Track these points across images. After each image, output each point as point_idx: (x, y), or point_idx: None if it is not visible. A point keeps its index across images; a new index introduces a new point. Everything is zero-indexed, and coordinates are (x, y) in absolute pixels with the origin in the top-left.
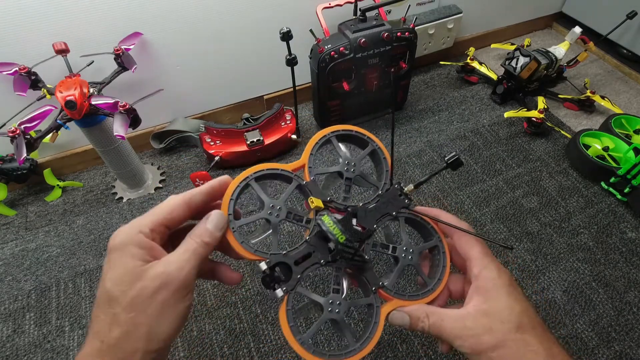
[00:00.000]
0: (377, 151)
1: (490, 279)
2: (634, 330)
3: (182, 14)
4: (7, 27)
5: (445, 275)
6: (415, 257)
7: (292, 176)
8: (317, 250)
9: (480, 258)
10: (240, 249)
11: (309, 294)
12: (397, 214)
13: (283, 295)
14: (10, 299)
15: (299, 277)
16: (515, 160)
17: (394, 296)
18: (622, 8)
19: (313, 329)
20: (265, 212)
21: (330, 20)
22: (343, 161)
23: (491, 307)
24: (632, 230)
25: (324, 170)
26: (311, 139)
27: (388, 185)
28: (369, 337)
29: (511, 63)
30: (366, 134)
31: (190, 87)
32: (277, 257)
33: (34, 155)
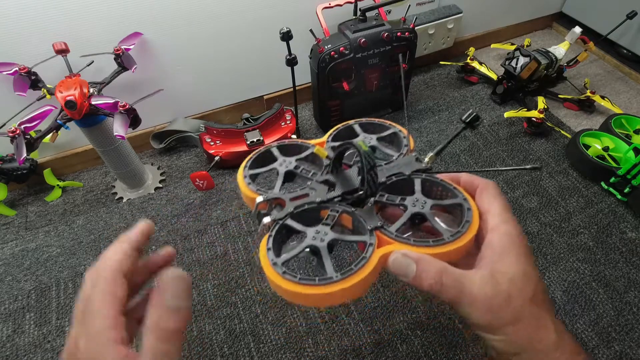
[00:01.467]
0: (398, 134)
1: (509, 234)
2: (634, 330)
3: (182, 14)
4: (7, 27)
5: (469, 231)
6: (428, 207)
7: (310, 146)
8: (315, 193)
9: (500, 212)
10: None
11: (296, 225)
12: (411, 174)
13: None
14: (10, 299)
15: (290, 210)
16: (515, 160)
17: (396, 239)
18: (622, 8)
19: (290, 253)
20: (276, 164)
21: (330, 20)
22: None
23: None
24: (632, 230)
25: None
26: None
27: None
28: (352, 270)
29: (511, 63)
30: (388, 122)
31: (190, 87)
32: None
33: (34, 155)
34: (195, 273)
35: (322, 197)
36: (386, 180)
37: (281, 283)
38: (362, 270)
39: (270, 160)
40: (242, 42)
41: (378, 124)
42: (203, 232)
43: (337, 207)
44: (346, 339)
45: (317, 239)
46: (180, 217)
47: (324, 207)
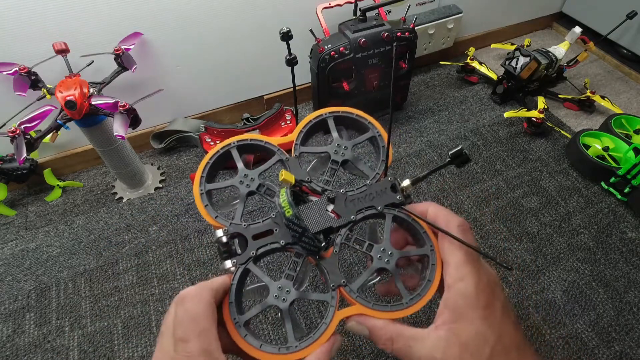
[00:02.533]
0: (377, 138)
1: (463, 295)
2: (634, 330)
3: (182, 14)
4: (7, 27)
5: (428, 293)
6: (393, 261)
7: (275, 150)
8: (280, 229)
9: (457, 266)
10: (203, 211)
11: (260, 273)
12: (382, 209)
13: (231, 267)
14: (10, 299)
15: (253, 253)
16: (515, 160)
17: (357, 300)
18: (622, 8)
19: (252, 312)
20: (236, 179)
21: (330, 20)
22: (334, 143)
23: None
24: (632, 230)
25: (311, 150)
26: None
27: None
28: (312, 338)
29: (511, 63)
30: (368, 118)
31: (190, 87)
32: (237, 228)
33: (34, 155)
34: (196, 273)
35: (287, 239)
36: (355, 217)
37: (243, 346)
38: (321, 337)
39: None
40: (242, 42)
41: (356, 120)
42: (203, 232)
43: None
44: (346, 339)
45: (279, 297)
46: (180, 217)
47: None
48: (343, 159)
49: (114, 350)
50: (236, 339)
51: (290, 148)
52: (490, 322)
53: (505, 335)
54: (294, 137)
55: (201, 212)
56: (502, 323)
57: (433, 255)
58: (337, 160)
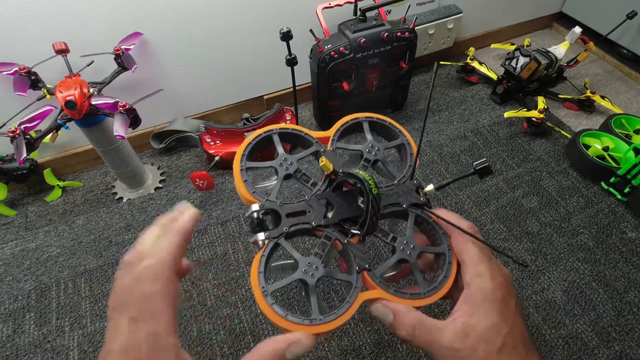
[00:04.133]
0: (406, 146)
1: (481, 290)
2: (634, 330)
3: (182, 14)
4: (7, 27)
5: (444, 287)
6: (415, 254)
7: (314, 141)
8: (313, 211)
9: (474, 264)
10: (242, 186)
11: (289, 248)
12: (407, 207)
13: (264, 240)
14: (10, 299)
15: (285, 229)
16: (515, 160)
17: (378, 285)
18: (622, 8)
19: (281, 282)
20: (276, 161)
21: (330, 20)
22: (367, 143)
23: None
24: (632, 230)
25: (346, 146)
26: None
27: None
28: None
29: (511, 63)
30: (399, 127)
31: (190, 87)
32: (272, 205)
33: (34, 155)
34: (196, 273)
35: (318, 221)
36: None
37: (269, 314)
38: (344, 314)
39: (269, 147)
40: (242, 42)
41: (388, 126)
42: (203, 232)
43: (331, 233)
44: (346, 338)
45: (308, 272)
46: None
47: (318, 230)
48: (375, 159)
49: None
50: (263, 307)
51: (326, 142)
52: (504, 316)
53: (516, 329)
54: (331, 133)
55: (239, 186)
56: (515, 318)
57: (450, 254)
58: (369, 158)
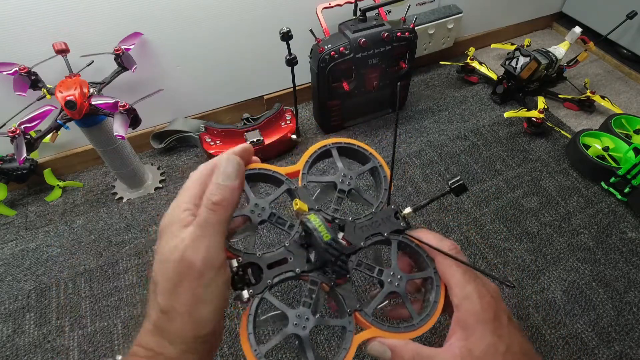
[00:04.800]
0: (379, 169)
1: (471, 312)
2: (634, 330)
3: (182, 14)
4: (7, 27)
5: (435, 313)
6: (403, 284)
7: (284, 179)
8: (294, 257)
9: (460, 286)
10: None
11: (276, 302)
12: (389, 235)
13: (248, 298)
14: (10, 299)
15: (269, 282)
16: (515, 160)
17: (372, 323)
18: (622, 8)
19: (272, 342)
20: (248, 209)
21: (330, 20)
22: (339, 172)
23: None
24: (632, 230)
25: (318, 179)
26: (311, 147)
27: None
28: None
29: (511, 63)
30: (369, 150)
31: (190, 87)
32: (251, 257)
33: (34, 155)
34: None
35: (301, 267)
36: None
37: None
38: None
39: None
40: (242, 42)
41: (357, 150)
42: None
43: (316, 277)
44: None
45: (299, 325)
46: None
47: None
48: (349, 188)
49: (114, 350)
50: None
51: (297, 176)
52: (499, 333)
53: (514, 343)
54: (300, 167)
55: None
56: (510, 333)
57: (437, 277)
58: (343, 189)
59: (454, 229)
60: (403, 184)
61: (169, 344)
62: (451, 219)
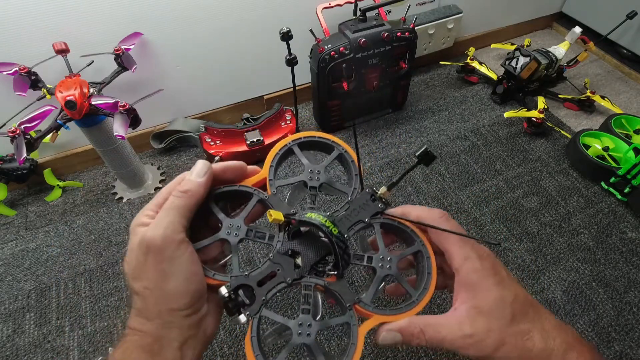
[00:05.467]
0: (345, 155)
1: (474, 270)
2: (634, 330)
3: (182, 14)
4: (7, 27)
5: (431, 284)
6: (394, 265)
7: (252, 191)
8: (282, 268)
9: (458, 249)
10: None
11: (275, 317)
12: (370, 220)
13: (247, 320)
14: (10, 299)
15: (263, 299)
16: (515, 160)
17: (374, 311)
18: (622, 8)
19: (281, 357)
20: (223, 231)
21: (330, 20)
22: (306, 169)
23: (483, 302)
24: (632, 230)
25: (287, 182)
26: (271, 150)
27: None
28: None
29: (511, 63)
30: (331, 138)
31: (190, 87)
32: (239, 280)
33: (34, 155)
34: None
35: (291, 276)
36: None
37: None
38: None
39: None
40: (242, 42)
41: (319, 142)
42: None
43: (309, 281)
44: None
45: (303, 334)
46: None
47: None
48: (320, 183)
49: None
50: None
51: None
52: (503, 285)
53: (519, 295)
54: (265, 174)
55: None
56: (513, 285)
57: (425, 249)
58: (314, 185)
59: None
60: (403, 184)
61: (147, 321)
62: None
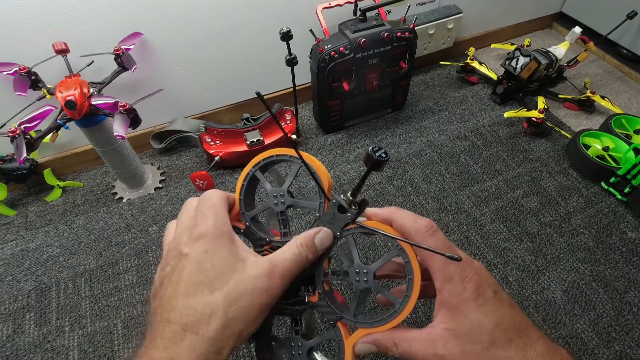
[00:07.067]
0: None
1: (454, 293)
2: (634, 330)
3: (182, 14)
4: (7, 27)
5: (414, 291)
6: (370, 277)
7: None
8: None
9: (441, 269)
10: None
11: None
12: (341, 233)
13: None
14: (10, 299)
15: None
16: (515, 160)
17: (357, 325)
18: (622, 8)
19: None
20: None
21: (330, 20)
22: (270, 194)
23: (459, 326)
24: (632, 230)
25: (256, 212)
26: (237, 181)
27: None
28: None
29: (511, 63)
30: (288, 153)
31: (190, 87)
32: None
33: (34, 155)
34: None
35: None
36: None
37: None
38: None
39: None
40: (242, 42)
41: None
42: None
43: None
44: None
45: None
46: None
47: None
48: (287, 205)
49: (114, 350)
50: None
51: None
52: (484, 310)
53: (503, 319)
54: (237, 208)
55: None
56: (498, 310)
57: (404, 254)
58: (281, 210)
59: (454, 229)
60: (403, 184)
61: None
62: (451, 219)
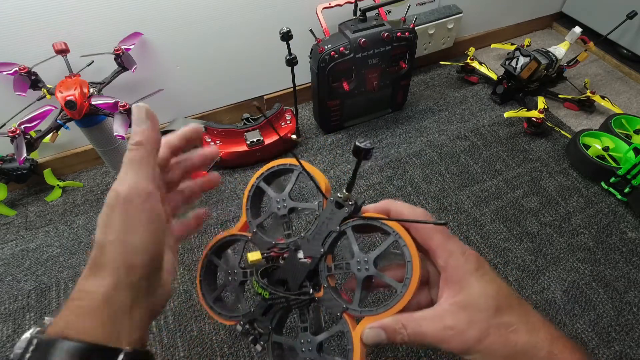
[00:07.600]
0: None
1: (457, 267)
2: (634, 330)
3: (182, 14)
4: (7, 27)
5: (413, 273)
6: (371, 265)
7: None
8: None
9: (442, 247)
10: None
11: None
12: (340, 227)
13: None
14: (10, 299)
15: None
16: (515, 160)
17: (362, 314)
18: (622, 8)
19: None
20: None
21: (330, 20)
22: (272, 200)
23: (465, 297)
24: (632, 230)
25: (262, 219)
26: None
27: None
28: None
29: (511, 63)
30: (288, 162)
31: (190, 87)
32: (248, 316)
33: (34, 155)
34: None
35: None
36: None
37: None
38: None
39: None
40: (242, 42)
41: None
42: (203, 232)
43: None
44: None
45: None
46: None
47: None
48: (289, 209)
49: None
50: None
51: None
52: (486, 279)
53: (502, 288)
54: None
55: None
56: (496, 281)
57: (401, 239)
58: (284, 214)
59: (454, 229)
60: (403, 184)
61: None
62: (451, 219)
